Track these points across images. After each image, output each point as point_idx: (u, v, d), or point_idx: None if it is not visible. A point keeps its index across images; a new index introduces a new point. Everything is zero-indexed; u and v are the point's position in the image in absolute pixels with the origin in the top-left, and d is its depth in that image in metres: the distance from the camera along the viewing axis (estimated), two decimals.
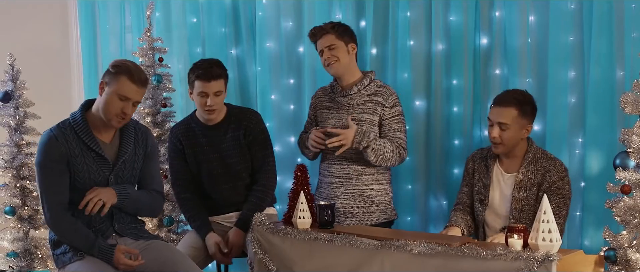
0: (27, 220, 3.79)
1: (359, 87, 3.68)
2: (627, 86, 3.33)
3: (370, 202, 3.71)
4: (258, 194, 3.68)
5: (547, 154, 3.38)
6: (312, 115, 3.87)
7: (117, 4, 4.63)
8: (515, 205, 3.33)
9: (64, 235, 3.12)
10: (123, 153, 3.17)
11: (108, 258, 3.07)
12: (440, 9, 3.91)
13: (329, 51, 3.64)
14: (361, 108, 3.66)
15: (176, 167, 3.76)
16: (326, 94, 3.82)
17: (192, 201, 3.73)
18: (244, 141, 3.68)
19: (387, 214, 3.75)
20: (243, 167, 3.71)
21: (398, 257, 2.90)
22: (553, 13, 3.61)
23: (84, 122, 3.10)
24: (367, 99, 3.66)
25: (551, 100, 3.65)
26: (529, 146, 3.38)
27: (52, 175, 3.06)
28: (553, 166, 3.30)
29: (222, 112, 3.69)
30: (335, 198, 3.71)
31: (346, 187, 3.71)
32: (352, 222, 3.69)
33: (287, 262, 3.25)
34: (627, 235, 2.87)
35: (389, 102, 3.65)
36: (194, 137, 3.70)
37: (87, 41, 4.69)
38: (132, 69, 3.05)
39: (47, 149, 3.06)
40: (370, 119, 3.65)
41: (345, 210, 3.71)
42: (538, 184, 3.31)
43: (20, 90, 3.76)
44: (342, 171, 3.72)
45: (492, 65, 3.84)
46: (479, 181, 3.48)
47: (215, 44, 4.49)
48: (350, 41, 3.66)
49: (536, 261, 2.60)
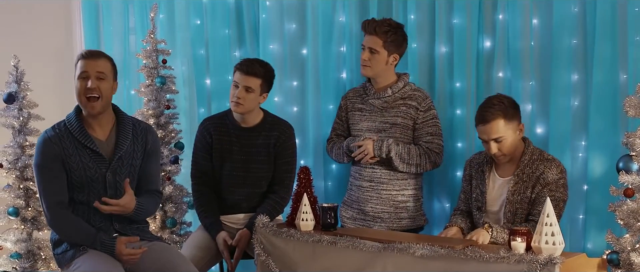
0: (31, 221, 3.79)
1: (394, 89, 3.66)
2: (630, 89, 3.33)
3: (400, 208, 3.70)
4: (272, 203, 3.67)
5: (544, 154, 3.33)
6: (344, 117, 3.85)
7: (121, 5, 4.63)
8: (509, 208, 3.31)
9: (65, 233, 3.14)
10: (119, 149, 3.16)
11: (110, 250, 3.08)
12: (444, 11, 3.92)
13: (369, 53, 3.60)
14: (394, 111, 3.64)
15: (200, 159, 3.74)
16: (358, 96, 3.79)
17: (209, 197, 3.71)
18: (272, 150, 3.67)
19: (416, 220, 3.75)
20: (264, 175, 3.70)
21: (401, 259, 2.91)
22: (556, 16, 3.61)
23: (77, 121, 3.13)
24: (401, 102, 3.64)
25: (554, 103, 3.65)
26: (526, 148, 3.34)
27: (50, 175, 3.09)
28: (548, 168, 3.25)
29: (258, 117, 3.70)
30: (365, 202, 3.70)
31: (377, 191, 3.70)
32: (381, 227, 3.68)
33: (290, 264, 3.25)
34: (630, 238, 2.87)
35: (423, 105, 3.64)
36: (225, 134, 3.69)
37: (90, 43, 4.69)
38: (82, 51, 3.17)
39: (42, 150, 3.10)
40: (403, 122, 3.63)
41: (375, 215, 3.70)
42: (532, 187, 3.28)
43: (24, 92, 3.77)
44: (373, 175, 3.70)
45: (495, 68, 3.84)
46: (476, 187, 3.46)
47: (218, 45, 4.49)
48: (394, 52, 3.62)
49: (539, 264, 2.60)
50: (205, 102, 4.56)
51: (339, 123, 3.88)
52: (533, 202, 3.27)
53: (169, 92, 4.21)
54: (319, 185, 4.16)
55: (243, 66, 3.59)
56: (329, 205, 3.32)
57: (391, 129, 3.65)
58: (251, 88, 3.57)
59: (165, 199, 4.13)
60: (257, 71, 3.58)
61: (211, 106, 4.52)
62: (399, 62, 3.97)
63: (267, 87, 3.66)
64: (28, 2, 4.59)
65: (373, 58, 3.61)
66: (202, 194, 3.72)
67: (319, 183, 4.20)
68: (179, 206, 4.17)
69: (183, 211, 4.20)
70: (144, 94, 4.18)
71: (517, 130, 3.29)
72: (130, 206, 3.12)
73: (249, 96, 3.57)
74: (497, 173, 3.40)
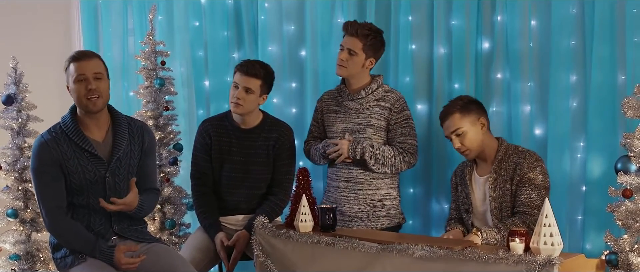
0: (30, 223, 3.80)
1: (367, 91, 3.67)
2: (628, 90, 3.33)
3: (377, 207, 3.70)
4: (271, 205, 3.67)
5: (519, 148, 3.40)
6: (319, 119, 3.86)
7: (120, 7, 4.64)
8: (494, 204, 3.35)
9: (64, 239, 3.12)
10: (117, 150, 3.14)
11: (109, 259, 3.07)
12: (442, 12, 3.92)
13: (347, 54, 3.61)
14: (368, 113, 3.65)
15: (199, 161, 3.74)
16: (333, 98, 3.81)
17: (208, 198, 3.72)
18: (271, 152, 3.68)
19: (395, 218, 3.75)
20: (263, 176, 3.71)
21: (400, 260, 2.91)
22: (555, 17, 3.62)
23: (73, 124, 3.10)
24: (375, 103, 3.66)
25: (553, 104, 3.65)
26: (500, 145, 3.41)
27: (47, 180, 3.07)
28: (523, 158, 3.31)
29: (258, 118, 3.70)
30: (342, 203, 3.70)
31: (354, 191, 3.71)
32: (359, 227, 3.68)
33: (289, 266, 3.25)
34: (629, 239, 2.87)
35: (397, 106, 3.65)
36: (225, 135, 3.70)
37: (89, 44, 4.69)
38: (73, 53, 3.12)
39: (39, 154, 3.07)
40: (377, 123, 3.64)
41: (353, 214, 3.70)
42: (510, 178, 3.32)
43: (22, 93, 3.77)
44: (349, 175, 3.71)
45: (493, 70, 3.84)
46: (461, 192, 3.51)
47: (217, 47, 4.50)
48: (372, 56, 3.63)
49: (538, 264, 2.60)
50: (204, 104, 4.56)
51: (315, 125, 3.90)
52: (515, 194, 3.31)
53: (168, 94, 4.21)
54: (317, 186, 4.16)
55: (243, 67, 3.60)
56: (327, 206, 3.32)
57: (365, 130, 3.66)
58: (251, 89, 3.57)
59: (164, 200, 4.13)
60: (257, 72, 3.58)
61: (210, 107, 4.52)
62: (399, 64, 3.99)
63: (267, 89, 3.66)
64: (27, 4, 4.60)
65: (351, 59, 3.62)
66: (202, 195, 3.73)
67: (318, 184, 4.20)
68: (178, 207, 4.17)
69: (182, 212, 4.20)
70: (143, 95, 4.18)
71: (477, 123, 3.37)
72: (134, 204, 3.11)
73: (249, 97, 3.58)
74: (477, 173, 3.46)
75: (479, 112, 3.40)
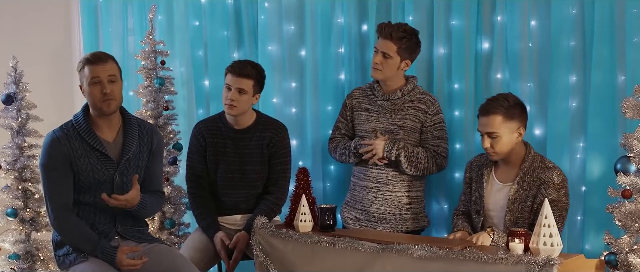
0: (29, 222, 3.79)
1: (403, 92, 3.65)
2: (628, 91, 3.33)
3: (405, 209, 3.69)
4: (269, 204, 3.67)
5: (545, 162, 3.29)
6: (348, 116, 3.81)
7: (120, 6, 4.63)
8: (510, 217, 3.28)
9: (68, 236, 3.13)
10: (127, 151, 3.16)
11: (111, 260, 3.08)
12: (442, 13, 3.92)
13: (382, 57, 3.57)
14: (403, 114, 3.64)
15: (194, 163, 3.75)
16: (365, 96, 3.77)
17: (204, 199, 3.73)
18: (266, 151, 3.68)
19: (419, 221, 3.75)
20: (259, 176, 3.71)
21: (399, 260, 2.91)
22: (555, 18, 3.62)
23: (86, 123, 3.12)
24: (410, 105, 3.64)
25: (552, 105, 3.65)
26: (527, 153, 3.30)
27: (56, 176, 3.08)
28: (549, 178, 3.21)
29: (251, 118, 3.71)
30: (369, 203, 3.69)
31: (382, 192, 3.69)
32: (385, 229, 3.66)
33: (288, 266, 3.25)
34: (628, 239, 2.88)
35: (432, 109, 3.64)
36: (219, 136, 3.70)
37: (89, 44, 4.69)
38: (88, 56, 3.14)
39: (50, 150, 3.08)
40: (411, 125, 3.63)
41: (379, 216, 3.69)
42: (533, 196, 3.23)
43: (22, 93, 3.76)
44: (379, 176, 3.68)
45: (493, 70, 3.85)
46: (475, 191, 3.44)
47: (217, 47, 4.49)
48: (407, 58, 3.60)
49: (537, 265, 2.61)
50: (203, 103, 4.56)
51: (343, 122, 3.85)
52: (536, 211, 3.19)
53: (168, 93, 4.21)
54: (317, 186, 4.16)
55: (235, 68, 3.60)
56: (327, 206, 3.33)
57: (399, 131, 3.64)
58: (244, 90, 3.58)
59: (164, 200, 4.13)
60: (249, 73, 3.59)
61: (210, 107, 4.52)
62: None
63: (260, 88, 3.67)
64: (27, 3, 4.59)
65: (385, 62, 3.58)
66: (198, 197, 3.74)
67: (318, 184, 4.20)
68: (177, 206, 4.17)
69: (181, 212, 4.20)
70: (143, 95, 4.18)
71: (516, 132, 3.26)
72: (135, 201, 3.11)
73: (242, 98, 3.59)
74: (496, 177, 3.38)
75: (521, 120, 3.26)
